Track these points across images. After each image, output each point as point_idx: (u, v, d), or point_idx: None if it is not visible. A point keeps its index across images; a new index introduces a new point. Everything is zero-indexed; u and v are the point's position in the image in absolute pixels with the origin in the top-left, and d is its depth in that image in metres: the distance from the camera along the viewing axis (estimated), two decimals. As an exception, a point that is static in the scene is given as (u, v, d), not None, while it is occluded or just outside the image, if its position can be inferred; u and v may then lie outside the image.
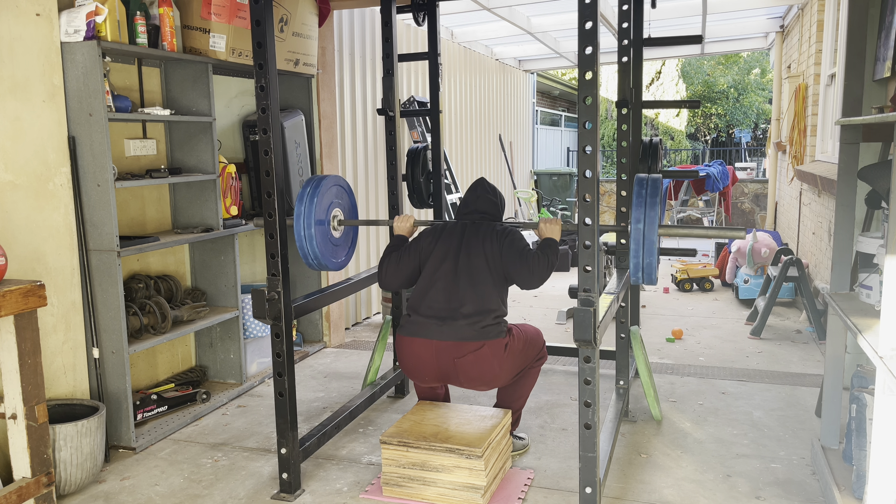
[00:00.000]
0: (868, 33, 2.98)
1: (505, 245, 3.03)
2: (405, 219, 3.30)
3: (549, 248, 3.01)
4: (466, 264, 3.01)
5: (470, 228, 3.12)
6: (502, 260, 3.01)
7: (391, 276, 3.15)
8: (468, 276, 2.99)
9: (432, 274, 3.05)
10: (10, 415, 2.56)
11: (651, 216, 2.63)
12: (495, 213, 3.24)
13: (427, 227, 3.27)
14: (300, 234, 3.06)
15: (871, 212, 3.07)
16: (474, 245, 3.05)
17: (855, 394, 2.58)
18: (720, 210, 10.51)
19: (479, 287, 2.97)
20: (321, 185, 3.13)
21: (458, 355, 2.90)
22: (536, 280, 2.96)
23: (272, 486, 2.99)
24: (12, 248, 2.91)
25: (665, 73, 20.48)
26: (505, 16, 6.69)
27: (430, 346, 2.94)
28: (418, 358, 2.97)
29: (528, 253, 3.00)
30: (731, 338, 5.12)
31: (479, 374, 2.92)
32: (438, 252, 3.08)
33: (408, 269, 3.13)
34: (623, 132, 3.46)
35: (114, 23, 3.17)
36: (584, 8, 2.26)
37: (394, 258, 3.15)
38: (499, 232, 3.08)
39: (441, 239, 3.11)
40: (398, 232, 3.28)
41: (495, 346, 2.91)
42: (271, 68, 2.78)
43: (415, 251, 3.14)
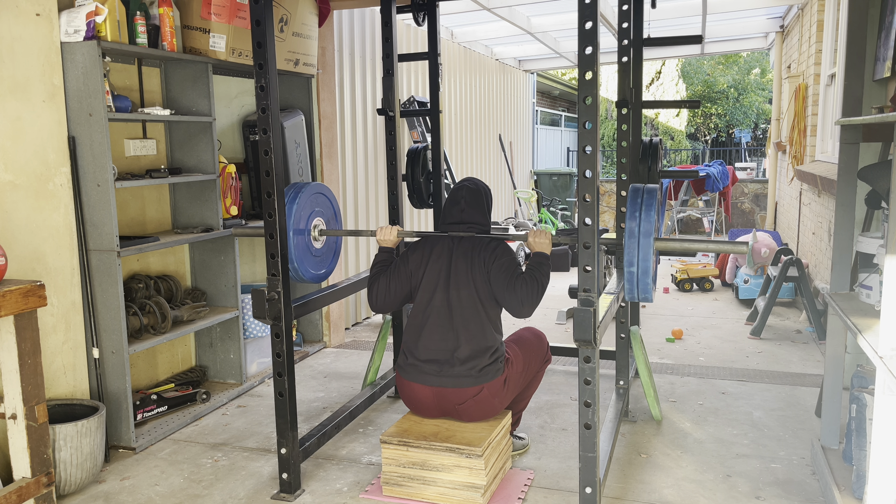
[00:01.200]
0: (868, 33, 2.98)
1: (493, 270, 2.93)
2: (388, 230, 3.19)
3: (539, 268, 2.91)
4: (457, 298, 2.94)
5: (457, 249, 3.01)
6: (491, 288, 2.94)
7: (381, 301, 3.09)
8: (460, 312, 2.93)
9: (424, 309, 2.98)
10: (10, 415, 2.56)
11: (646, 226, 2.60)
12: (481, 220, 3.10)
13: (412, 239, 3.19)
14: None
15: (871, 212, 3.07)
16: (462, 273, 2.96)
17: (855, 394, 2.58)
18: (720, 210, 10.51)
19: (471, 324, 2.92)
20: (301, 193, 3.09)
21: (459, 402, 2.90)
22: (526, 308, 2.87)
23: (272, 486, 2.99)
24: (12, 248, 2.91)
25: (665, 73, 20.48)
26: (505, 16, 6.69)
27: (430, 392, 2.93)
28: (420, 401, 2.98)
29: (517, 280, 2.88)
30: (731, 338, 5.12)
31: (482, 415, 2.94)
32: (428, 280, 3.00)
33: (399, 296, 3.07)
34: (623, 132, 3.46)
35: (114, 23, 3.17)
36: (584, 8, 2.26)
37: (382, 283, 3.07)
38: (486, 254, 2.97)
39: (430, 263, 3.02)
40: (383, 244, 3.20)
41: (494, 387, 2.91)
42: (271, 68, 2.78)
43: (404, 276, 3.06)
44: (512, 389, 3.01)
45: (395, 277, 3.07)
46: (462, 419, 2.96)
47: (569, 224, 10.20)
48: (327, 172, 4.87)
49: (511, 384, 3.00)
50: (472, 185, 3.15)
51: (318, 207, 3.29)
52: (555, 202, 10.68)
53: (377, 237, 3.21)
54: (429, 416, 3.01)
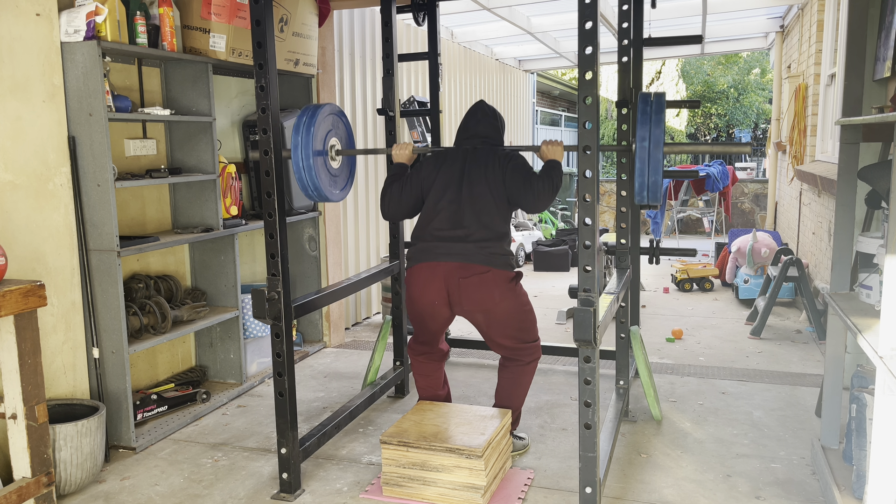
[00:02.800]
0: (868, 33, 2.98)
1: (508, 170, 3.02)
2: (404, 146, 3.26)
3: (553, 170, 3.00)
4: (469, 194, 3.01)
5: (471, 155, 3.10)
6: (505, 186, 3.01)
7: (394, 207, 3.15)
8: (472, 205, 3.00)
9: (435, 204, 3.05)
10: (10, 415, 2.56)
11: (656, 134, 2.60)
12: (496, 136, 3.21)
13: (427, 153, 3.23)
14: (298, 166, 3.00)
15: (871, 212, 3.07)
16: (476, 173, 3.03)
17: (855, 394, 2.58)
18: (720, 210, 10.51)
19: (483, 217, 2.99)
20: (317, 114, 3.05)
21: (465, 276, 2.94)
22: (542, 204, 2.98)
23: (272, 486, 2.99)
24: (12, 248, 2.91)
25: (665, 73, 20.48)
26: (505, 16, 6.68)
27: (438, 268, 2.97)
28: (427, 282, 3.00)
29: (532, 176, 2.99)
30: (731, 338, 5.12)
31: (480, 298, 2.96)
32: (440, 182, 3.07)
33: (410, 200, 3.13)
34: (623, 132, 3.46)
35: (114, 23, 3.17)
36: (584, 8, 2.26)
37: (395, 189, 3.14)
38: (501, 157, 3.06)
39: (443, 168, 3.09)
40: (397, 160, 3.25)
41: (500, 275, 2.96)
42: (271, 68, 2.78)
43: (416, 181, 3.12)
44: (511, 301, 3.00)
45: (407, 184, 3.14)
46: (461, 299, 2.97)
47: (569, 224, 10.20)
48: (327, 172, 4.87)
49: (513, 295, 3.01)
50: (487, 106, 3.25)
51: (334, 128, 3.23)
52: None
53: (392, 152, 3.27)
54: (431, 300, 3.01)
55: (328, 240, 4.90)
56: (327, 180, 3.16)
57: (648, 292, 6.74)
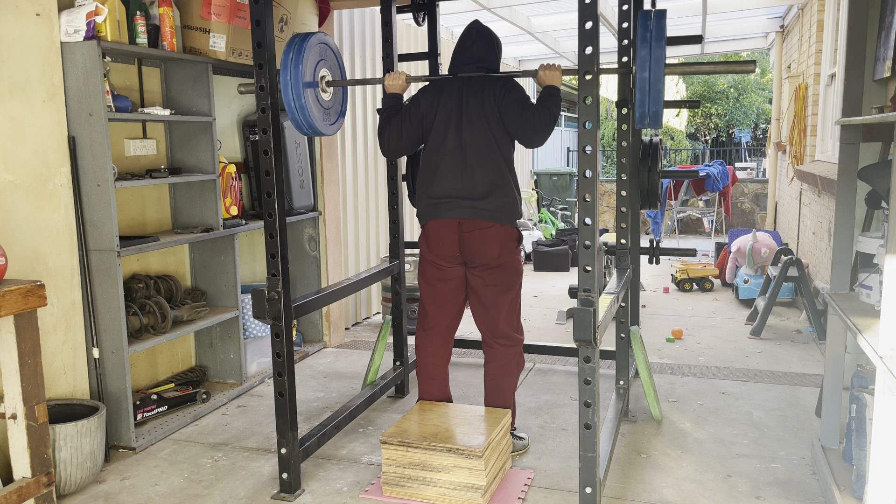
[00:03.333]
0: (868, 33, 2.98)
1: (504, 103, 3.01)
2: (397, 76, 3.21)
3: (551, 98, 2.95)
4: (471, 137, 3.03)
5: (467, 87, 3.08)
6: (503, 118, 3.01)
7: (394, 144, 3.17)
8: (474, 150, 3.02)
9: (438, 149, 3.07)
10: (10, 415, 2.56)
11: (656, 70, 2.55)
12: (491, 59, 3.17)
13: (422, 84, 3.23)
14: (290, 105, 2.94)
15: (871, 212, 3.07)
16: (474, 109, 3.03)
17: (855, 394, 2.58)
18: (720, 210, 10.51)
19: (486, 163, 3.02)
20: (304, 45, 2.96)
21: (470, 230, 3.03)
22: (539, 137, 2.97)
23: (272, 486, 2.99)
24: (12, 248, 2.91)
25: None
26: (505, 16, 6.69)
27: (452, 223, 3.05)
28: (440, 236, 3.09)
29: (529, 109, 2.98)
30: (731, 338, 5.12)
31: (481, 250, 3.05)
32: (440, 120, 3.07)
33: (410, 137, 3.15)
34: (623, 132, 3.46)
35: (114, 23, 3.17)
36: (584, 8, 2.26)
37: (394, 126, 3.14)
38: (497, 88, 3.04)
39: (441, 102, 3.09)
40: (391, 90, 3.22)
41: (504, 231, 3.04)
42: (271, 68, 2.78)
43: (416, 119, 3.13)
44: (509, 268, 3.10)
45: (406, 121, 3.13)
46: (465, 248, 3.07)
47: (569, 224, 10.20)
48: (327, 172, 4.87)
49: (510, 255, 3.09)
50: (483, 26, 3.22)
51: (323, 58, 3.16)
52: (555, 202, 10.68)
53: (385, 83, 3.23)
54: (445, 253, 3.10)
55: (328, 240, 4.90)
56: (320, 115, 3.09)
57: (648, 292, 6.74)
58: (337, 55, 3.27)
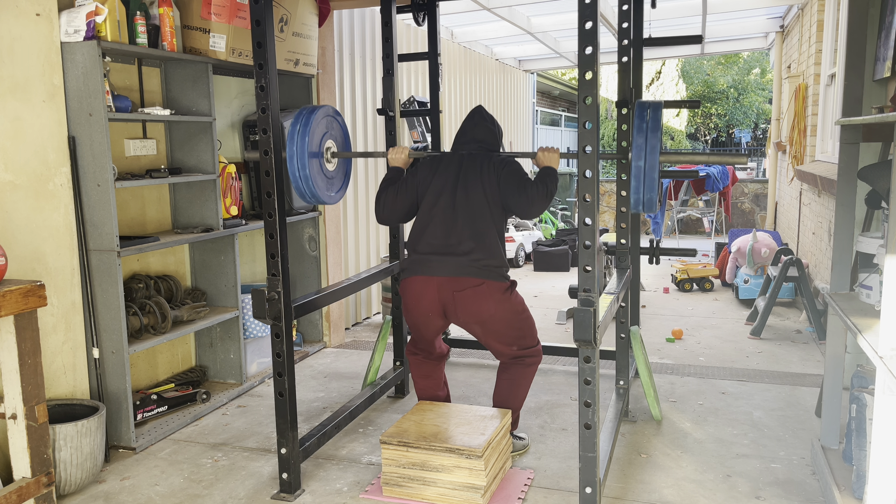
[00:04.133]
0: (868, 33, 2.98)
1: (503, 175, 3.02)
2: (400, 150, 3.25)
3: (548, 176, 3.01)
4: (464, 199, 3.01)
5: (467, 160, 3.10)
6: (500, 190, 3.01)
7: (388, 210, 3.15)
8: (466, 211, 2.99)
9: (430, 209, 3.05)
10: (10, 415, 2.56)
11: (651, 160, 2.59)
12: (493, 141, 3.21)
13: (423, 157, 3.23)
14: (295, 175, 3.00)
15: (871, 212, 3.07)
16: (472, 177, 3.03)
17: (855, 394, 2.58)
18: (720, 210, 10.51)
19: (477, 223, 2.98)
20: (312, 118, 3.04)
21: (458, 289, 2.93)
22: (536, 210, 2.98)
23: (272, 486, 2.99)
24: (12, 248, 2.91)
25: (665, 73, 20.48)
26: (505, 16, 6.69)
27: (431, 282, 2.96)
28: (421, 295, 2.99)
29: (527, 182, 2.99)
30: (731, 338, 5.12)
31: (477, 310, 2.95)
32: (435, 186, 3.06)
33: (405, 204, 3.12)
34: (623, 132, 3.46)
35: (114, 23, 3.17)
36: (584, 8, 2.26)
37: (391, 193, 3.13)
38: (496, 162, 3.07)
39: (438, 172, 3.09)
40: (393, 164, 3.24)
41: (494, 287, 2.95)
42: (271, 68, 2.78)
43: (412, 185, 3.12)
44: (507, 310, 3.00)
45: (402, 188, 3.13)
46: (458, 313, 2.98)
47: (569, 224, 10.20)
48: (327, 172, 4.87)
49: (509, 304, 3.00)
50: (486, 112, 3.26)
51: (330, 130, 3.23)
52: (555, 202, 10.68)
53: (388, 156, 3.26)
54: (430, 314, 3.02)
55: (328, 240, 4.90)
56: (323, 184, 3.16)
57: (648, 292, 6.74)
58: (342, 127, 3.33)
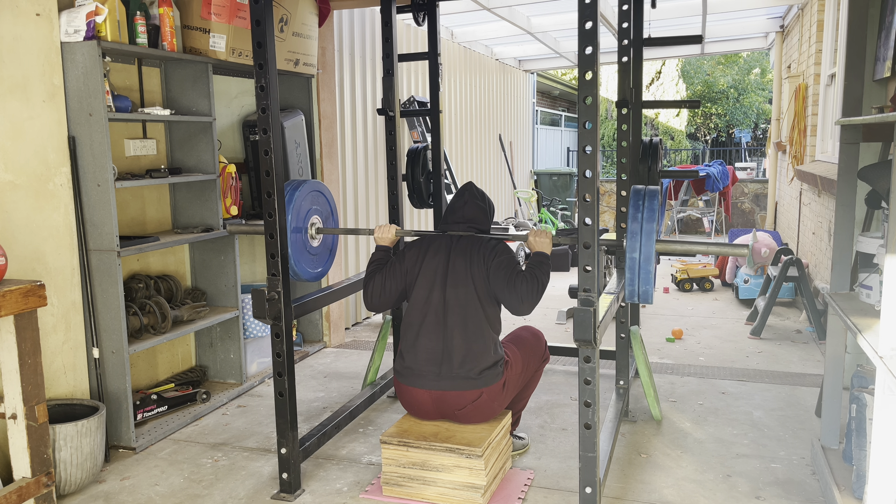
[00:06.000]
0: (868, 33, 2.98)
1: (492, 268, 2.91)
2: (386, 229, 3.20)
3: (540, 267, 2.89)
4: (455, 296, 2.91)
5: (456, 247, 2.99)
6: (490, 285, 2.91)
7: (377, 300, 3.06)
8: (458, 310, 2.90)
9: (421, 307, 2.95)
10: (10, 415, 2.56)
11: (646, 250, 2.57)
12: (483, 220, 3.10)
13: (411, 238, 3.18)
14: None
15: (871, 212, 3.07)
16: (461, 269, 2.93)
17: (855, 394, 2.58)
18: (720, 210, 10.51)
19: (469, 323, 2.89)
20: (297, 191, 3.08)
21: (458, 407, 2.89)
22: (526, 306, 2.85)
23: (272, 486, 2.99)
24: (12, 248, 2.91)
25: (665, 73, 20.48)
26: (505, 16, 6.69)
27: (428, 395, 2.91)
28: (419, 405, 2.95)
29: (517, 277, 2.86)
30: (731, 338, 5.12)
31: (482, 418, 2.93)
32: (424, 277, 2.97)
33: (394, 293, 3.04)
34: (623, 132, 3.46)
35: (114, 23, 3.17)
36: (584, 8, 2.26)
37: (378, 281, 3.05)
38: (486, 251, 2.95)
39: (426, 259, 2.99)
40: (380, 242, 3.20)
41: (493, 392, 2.89)
42: (271, 68, 2.78)
43: (400, 273, 3.03)
44: (511, 391, 3.01)
45: (390, 275, 3.04)
46: (461, 422, 2.95)
47: (569, 224, 10.20)
48: (327, 172, 4.87)
49: (510, 386, 2.99)
50: (477, 189, 3.17)
51: (316, 205, 3.27)
52: (555, 202, 10.68)
53: (374, 235, 3.21)
54: (428, 419, 3.00)
55: (328, 240, 4.89)
56: (307, 261, 3.18)
57: (648, 292, 6.73)
58: (329, 201, 3.35)
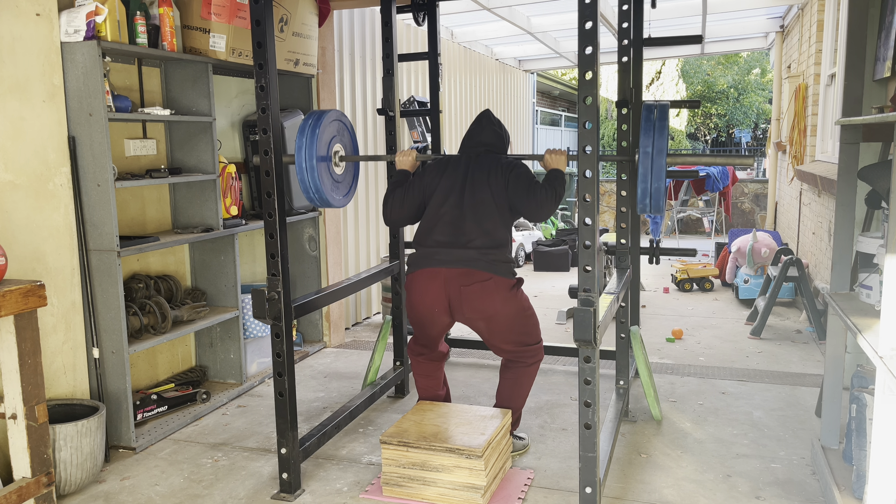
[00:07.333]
0: (868, 33, 2.98)
1: (511, 178, 3.03)
2: (407, 153, 3.27)
3: (556, 179, 3.01)
4: (472, 200, 3.02)
5: (474, 162, 3.11)
6: (508, 194, 3.02)
7: (396, 213, 3.16)
8: (474, 212, 3.01)
9: (437, 210, 3.06)
10: (10, 415, 2.56)
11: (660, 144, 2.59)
12: (500, 145, 3.23)
13: (430, 160, 3.25)
14: (302, 168, 3.00)
15: (871, 212, 3.07)
16: (479, 179, 3.05)
17: (855, 394, 2.58)
18: (720, 210, 10.51)
19: (485, 223, 3.00)
20: (322, 119, 3.07)
21: (466, 283, 2.94)
22: (544, 213, 2.99)
23: (272, 486, 2.99)
24: (12, 248, 2.91)
25: (665, 73, 20.48)
26: (505, 16, 6.68)
27: (438, 274, 2.97)
28: (426, 289, 3.00)
29: (535, 186, 3.00)
30: (731, 338, 5.12)
31: (483, 307, 2.96)
32: (443, 188, 3.08)
33: (413, 206, 3.14)
34: (623, 132, 3.46)
35: (114, 23, 3.17)
36: (584, 8, 2.26)
37: (398, 195, 3.14)
38: (504, 165, 3.08)
39: (445, 174, 3.11)
40: (400, 166, 3.26)
41: (502, 283, 2.96)
42: (271, 68, 2.78)
43: (419, 187, 3.14)
44: (512, 308, 3.01)
45: (410, 190, 3.15)
46: (462, 306, 2.98)
47: (569, 224, 10.20)
48: (327, 172, 4.87)
49: (514, 301, 3.02)
50: (493, 116, 3.27)
51: (337, 134, 3.25)
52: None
53: (396, 158, 3.29)
54: (430, 306, 3.02)
55: (328, 240, 4.90)
56: (330, 185, 3.17)
57: (648, 292, 6.74)
58: (351, 132, 3.34)
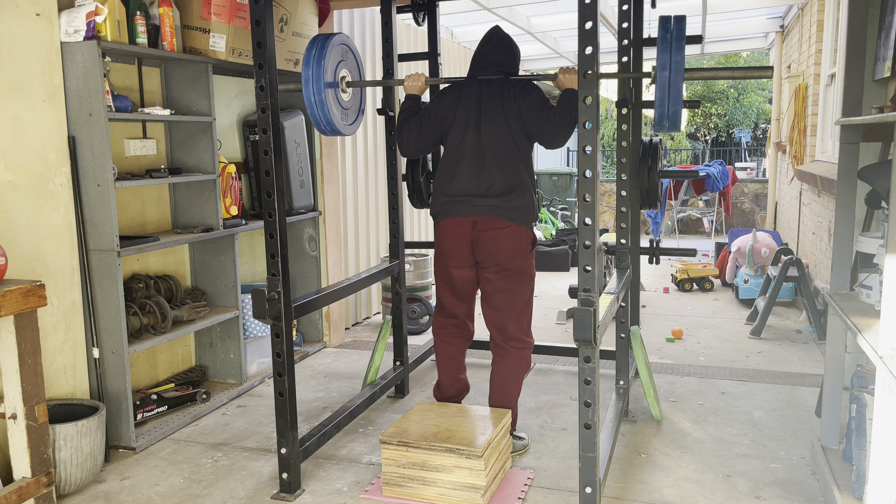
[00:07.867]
0: (868, 33, 2.98)
1: (524, 105, 3.03)
2: (417, 77, 3.25)
3: (571, 101, 2.98)
4: (489, 136, 3.04)
5: (486, 90, 3.10)
6: (522, 122, 3.03)
7: (412, 144, 3.19)
8: (493, 150, 3.04)
9: (456, 149, 3.09)
10: (10, 415, 2.56)
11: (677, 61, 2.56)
12: (511, 63, 3.19)
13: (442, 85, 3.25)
14: (310, 100, 2.99)
15: (871, 212, 3.07)
16: (493, 110, 3.05)
17: (855, 394, 2.58)
18: (720, 210, 10.51)
19: (504, 162, 3.04)
20: (327, 45, 3.01)
21: (484, 229, 3.04)
22: (560, 139, 3.00)
23: (272, 486, 2.99)
24: (12, 248, 2.91)
25: (665, 73, 20.44)
26: (505, 16, 6.69)
27: (463, 222, 3.07)
28: (453, 235, 3.10)
29: (550, 111, 3.00)
30: (731, 338, 5.12)
31: (496, 251, 3.05)
32: (459, 121, 3.09)
33: (429, 138, 3.17)
34: (623, 132, 3.46)
35: (114, 23, 3.17)
36: (584, 8, 2.26)
37: (414, 126, 3.16)
38: (516, 90, 3.06)
39: (460, 104, 3.11)
40: (410, 91, 3.25)
41: (518, 231, 3.05)
42: (271, 68, 2.78)
43: (435, 118, 3.15)
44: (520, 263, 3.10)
45: (426, 121, 3.16)
46: (479, 247, 3.07)
47: (569, 224, 10.20)
48: (327, 172, 4.87)
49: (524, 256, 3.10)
50: (503, 32, 3.24)
51: (343, 59, 3.20)
52: (555, 202, 10.68)
53: (405, 84, 3.26)
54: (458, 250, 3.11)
55: (328, 240, 4.90)
56: (339, 114, 3.13)
57: (648, 292, 6.74)
58: (357, 57, 3.30)
